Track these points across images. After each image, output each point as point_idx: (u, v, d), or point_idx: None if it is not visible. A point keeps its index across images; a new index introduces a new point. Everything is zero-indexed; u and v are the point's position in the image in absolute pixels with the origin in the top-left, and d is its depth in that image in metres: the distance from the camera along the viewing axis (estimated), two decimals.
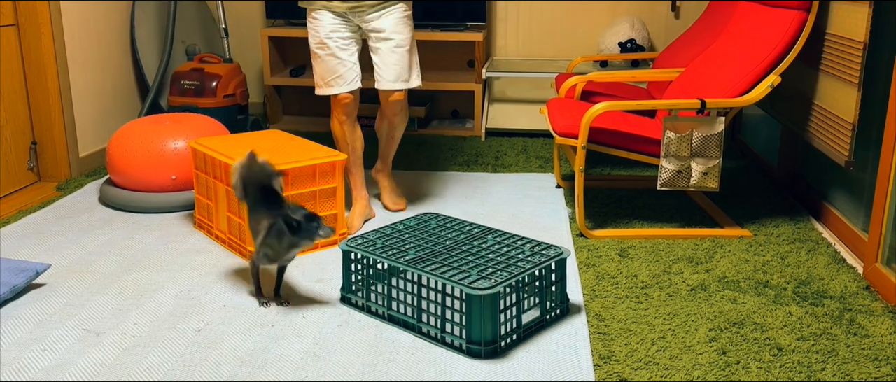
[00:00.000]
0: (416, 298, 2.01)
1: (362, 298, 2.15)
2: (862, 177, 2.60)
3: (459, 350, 1.93)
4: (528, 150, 3.87)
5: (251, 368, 1.86)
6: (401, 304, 2.07)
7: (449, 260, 2.04)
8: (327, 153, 2.61)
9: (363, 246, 2.14)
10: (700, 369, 1.87)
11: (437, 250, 2.10)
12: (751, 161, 3.63)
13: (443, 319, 1.96)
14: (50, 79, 3.29)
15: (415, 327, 2.03)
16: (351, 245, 2.15)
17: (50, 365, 1.87)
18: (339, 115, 2.71)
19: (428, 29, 4.23)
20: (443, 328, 1.96)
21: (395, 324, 2.07)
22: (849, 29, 2.49)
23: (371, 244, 2.15)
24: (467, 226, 2.29)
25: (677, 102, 2.61)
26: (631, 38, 4.08)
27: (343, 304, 2.20)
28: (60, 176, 3.38)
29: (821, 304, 2.20)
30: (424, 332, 2.01)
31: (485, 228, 2.28)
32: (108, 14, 3.67)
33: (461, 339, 1.93)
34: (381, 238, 2.20)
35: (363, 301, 2.15)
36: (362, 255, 2.14)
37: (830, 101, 2.60)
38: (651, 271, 2.42)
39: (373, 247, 2.12)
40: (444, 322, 1.96)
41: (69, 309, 2.16)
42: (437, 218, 2.35)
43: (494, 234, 2.22)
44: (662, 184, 2.63)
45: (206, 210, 2.72)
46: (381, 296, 2.11)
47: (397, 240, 2.18)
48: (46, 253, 2.55)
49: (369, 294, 2.14)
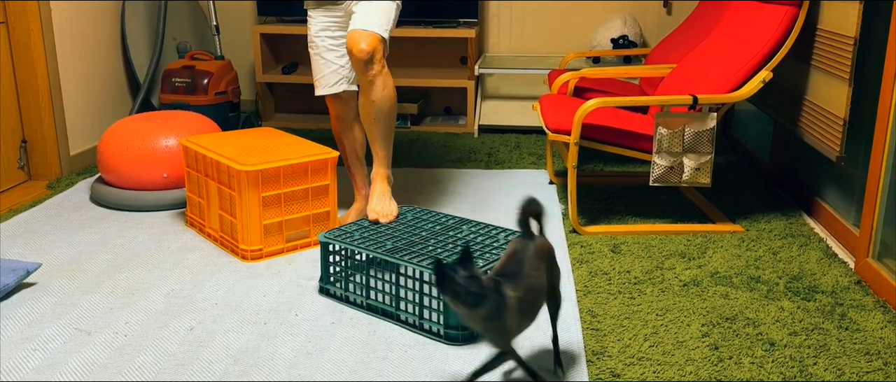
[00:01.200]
0: (394, 287, 2.05)
1: (341, 289, 2.18)
2: (853, 172, 2.61)
3: (437, 335, 1.97)
4: (521, 147, 3.87)
5: (244, 366, 1.86)
6: (379, 293, 2.11)
7: (426, 249, 2.08)
8: (319, 150, 2.60)
9: (341, 237, 2.17)
10: (692, 364, 1.87)
11: (413, 241, 2.15)
12: (743, 156, 3.64)
13: (421, 306, 2.00)
14: (40, 78, 3.27)
15: (393, 315, 2.06)
16: (329, 236, 2.18)
17: (41, 365, 1.86)
18: (332, 114, 2.71)
19: (420, 25, 4.22)
20: (421, 315, 2.00)
21: (374, 313, 2.11)
22: (840, 24, 2.49)
23: (349, 235, 2.19)
24: (443, 218, 2.34)
25: (669, 98, 2.61)
26: (623, 34, 4.08)
27: (321, 295, 2.22)
28: (51, 174, 3.37)
29: (812, 299, 2.21)
30: (403, 320, 2.04)
31: (460, 219, 2.33)
32: (98, 11, 3.65)
33: (439, 325, 1.97)
34: (359, 230, 2.24)
35: (342, 291, 2.18)
36: (341, 246, 2.17)
37: (822, 97, 2.61)
38: (644, 267, 2.42)
39: (351, 239, 2.16)
40: (422, 309, 2.00)
41: (60, 309, 2.15)
42: (414, 211, 2.40)
43: (469, 224, 2.27)
44: (655, 179, 2.64)
45: (197, 208, 2.71)
46: (359, 286, 2.15)
47: (375, 232, 2.22)
48: (37, 252, 2.54)
49: (348, 284, 2.17)
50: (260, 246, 2.48)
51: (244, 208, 2.44)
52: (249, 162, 2.44)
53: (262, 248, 2.48)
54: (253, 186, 2.43)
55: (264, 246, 2.48)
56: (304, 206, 2.56)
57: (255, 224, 2.45)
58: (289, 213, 2.52)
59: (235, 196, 2.46)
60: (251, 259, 2.47)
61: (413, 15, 4.27)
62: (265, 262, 2.47)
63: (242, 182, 2.42)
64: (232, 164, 2.44)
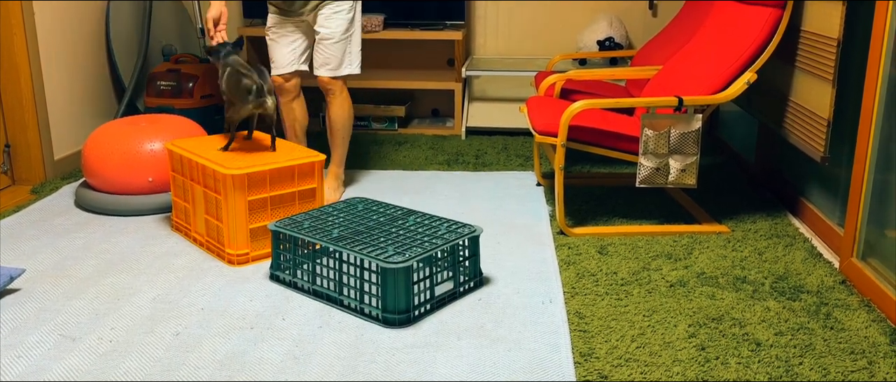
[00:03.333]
0: (338, 274, 2.15)
1: (289, 275, 2.29)
2: (837, 172, 2.63)
3: (376, 319, 2.08)
4: (508, 149, 3.87)
5: (230, 371, 1.85)
6: (324, 279, 2.23)
7: (370, 238, 2.19)
8: (306, 154, 2.60)
9: (290, 227, 2.27)
10: (679, 365, 1.88)
11: (359, 230, 2.25)
12: (728, 157, 3.66)
13: (361, 292, 2.11)
14: (23, 81, 3.24)
15: (336, 300, 2.17)
16: (279, 226, 2.28)
17: (25, 371, 1.85)
18: (276, 91, 3.06)
19: (407, 28, 4.22)
20: (361, 300, 2.12)
21: (319, 298, 2.21)
22: (823, 26, 2.51)
23: (298, 225, 2.29)
24: (391, 209, 2.43)
25: (655, 100, 2.63)
26: (609, 36, 4.10)
27: (272, 281, 2.33)
28: (35, 179, 3.34)
29: (798, 299, 2.22)
30: (345, 304, 2.15)
31: (407, 210, 2.42)
32: (82, 14, 3.62)
33: (378, 309, 2.08)
34: (309, 219, 2.34)
35: (290, 278, 2.28)
36: (289, 235, 2.26)
37: (806, 98, 2.63)
38: (630, 268, 2.43)
39: (300, 228, 2.26)
40: (362, 294, 2.11)
41: (44, 315, 2.13)
42: (365, 202, 2.49)
43: (416, 216, 2.37)
44: (641, 181, 2.65)
45: (183, 212, 2.70)
46: (306, 273, 2.25)
47: (324, 222, 2.32)
48: (21, 257, 2.52)
49: (296, 271, 2.27)
50: (246, 251, 2.46)
51: (230, 212, 2.43)
52: (235, 165, 2.43)
53: (249, 253, 2.47)
54: (239, 190, 2.41)
55: (251, 251, 2.47)
56: (291, 210, 2.55)
57: (241, 228, 2.44)
58: (276, 217, 2.51)
59: (221, 200, 2.45)
60: (237, 263, 2.46)
61: (400, 17, 4.26)
62: (252, 267, 2.46)
63: (228, 186, 2.41)
64: (218, 168, 2.43)
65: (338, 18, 2.94)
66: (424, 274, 2.14)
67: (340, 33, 2.95)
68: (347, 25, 2.96)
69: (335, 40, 2.95)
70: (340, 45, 2.96)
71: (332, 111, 3.06)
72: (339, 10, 2.94)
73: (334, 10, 2.94)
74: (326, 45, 2.96)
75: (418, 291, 2.11)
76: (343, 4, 2.94)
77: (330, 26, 2.94)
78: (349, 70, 3.04)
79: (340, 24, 2.94)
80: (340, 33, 2.95)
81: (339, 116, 3.07)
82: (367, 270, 2.10)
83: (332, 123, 3.08)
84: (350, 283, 2.15)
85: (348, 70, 3.03)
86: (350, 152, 3.08)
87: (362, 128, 4.28)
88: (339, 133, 3.10)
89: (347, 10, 2.95)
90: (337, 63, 2.99)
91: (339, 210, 2.43)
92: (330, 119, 3.08)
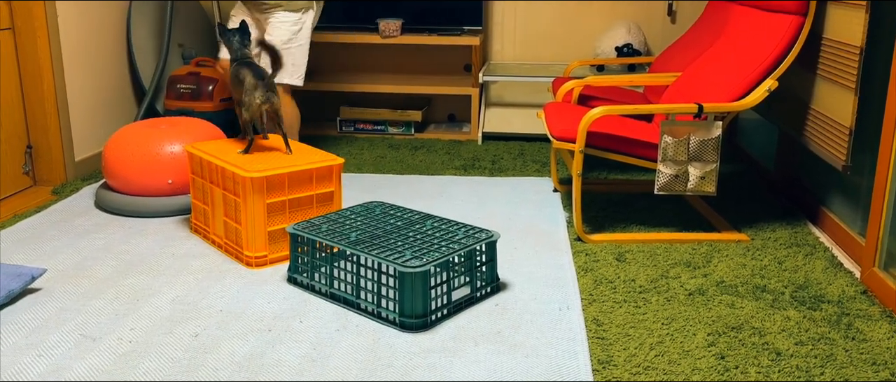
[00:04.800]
0: (355, 277, 2.16)
1: (307, 278, 2.28)
2: (859, 181, 2.61)
3: (393, 323, 2.08)
4: (524, 154, 3.87)
5: (249, 373, 1.86)
6: (342, 283, 2.22)
7: (387, 242, 2.20)
8: (325, 157, 2.61)
9: (308, 230, 2.28)
10: (699, 374, 1.87)
11: (377, 234, 2.26)
12: (747, 165, 3.64)
13: (378, 296, 2.11)
14: (46, 83, 3.27)
15: (353, 304, 2.17)
16: (297, 228, 2.29)
17: (46, 371, 1.86)
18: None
19: (424, 33, 4.22)
20: (378, 304, 2.12)
21: (336, 301, 2.22)
22: (845, 33, 2.49)
23: (316, 228, 2.29)
24: (408, 213, 2.43)
25: (675, 107, 2.61)
26: (627, 42, 4.08)
27: (289, 284, 2.33)
28: (56, 180, 3.37)
29: (819, 309, 2.20)
30: (363, 308, 2.15)
31: (425, 215, 2.42)
32: (104, 17, 3.66)
33: (395, 314, 2.08)
34: (327, 223, 2.34)
35: (307, 280, 2.28)
36: (307, 238, 2.26)
37: (827, 106, 2.61)
38: (649, 275, 2.42)
39: (318, 231, 2.27)
40: (379, 298, 2.11)
41: (65, 314, 2.15)
42: (383, 206, 2.50)
43: (433, 220, 2.37)
44: (660, 188, 2.63)
45: (202, 214, 2.71)
46: (324, 276, 2.25)
47: (342, 225, 2.33)
48: (42, 257, 2.54)
49: (314, 274, 2.27)
50: (265, 253, 2.48)
51: (249, 215, 2.44)
52: (254, 168, 2.44)
53: (267, 255, 2.48)
54: (258, 193, 2.43)
55: (269, 253, 2.48)
56: (309, 213, 2.56)
57: (259, 230, 2.45)
58: (293, 220, 2.52)
59: (240, 202, 2.46)
60: (256, 265, 2.47)
61: (417, 22, 4.27)
62: (270, 269, 2.47)
63: (247, 188, 2.42)
64: (237, 171, 2.44)
65: (282, 28, 3.14)
66: (441, 279, 2.14)
67: (282, 42, 3.11)
68: (290, 36, 3.15)
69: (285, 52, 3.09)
70: (288, 57, 3.10)
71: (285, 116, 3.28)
72: (285, 20, 3.15)
73: (281, 19, 3.15)
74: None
75: (435, 296, 2.10)
76: (290, 16, 3.15)
77: (273, 34, 3.14)
78: (288, 80, 3.20)
79: (284, 33, 3.14)
80: (282, 42, 3.11)
81: (289, 119, 3.21)
82: (384, 274, 2.10)
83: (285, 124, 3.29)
84: (367, 287, 2.15)
85: (288, 80, 3.19)
86: (367, 156, 3.08)
87: (379, 133, 4.29)
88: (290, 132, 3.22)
89: (293, 22, 3.16)
90: (285, 76, 3.14)
91: (356, 214, 2.43)
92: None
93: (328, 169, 2.57)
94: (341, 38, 4.22)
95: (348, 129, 4.32)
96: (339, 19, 4.32)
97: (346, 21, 4.34)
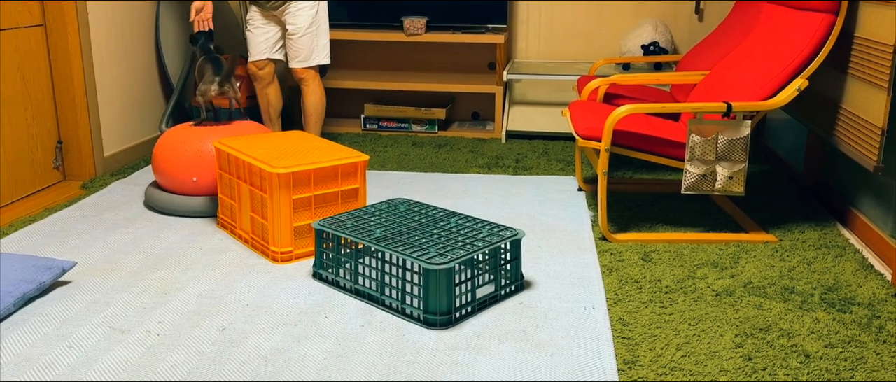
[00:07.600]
0: (380, 273, 2.17)
1: (332, 274, 2.30)
2: (890, 182, 2.57)
3: (418, 320, 2.09)
4: (549, 153, 3.85)
5: (275, 367, 1.87)
6: (367, 279, 2.23)
7: (412, 239, 2.20)
8: (350, 154, 2.62)
9: (333, 226, 2.28)
10: (726, 375, 1.85)
11: (401, 230, 2.26)
12: (776, 165, 3.59)
13: (403, 292, 2.12)
14: (76, 79, 3.32)
15: (378, 300, 2.18)
16: (323, 224, 2.30)
17: (76, 362, 1.89)
18: (252, 77, 3.52)
19: (448, 31, 4.22)
20: (403, 300, 2.13)
21: (361, 297, 2.23)
22: (878, 32, 2.45)
23: (341, 224, 2.30)
24: (433, 210, 2.44)
25: (703, 105, 2.59)
26: (654, 40, 4.05)
27: (314, 279, 2.35)
28: (85, 175, 3.42)
29: (848, 311, 2.17)
30: (387, 304, 2.17)
31: (449, 212, 2.42)
32: (133, 14, 3.70)
33: (419, 310, 2.09)
34: (352, 219, 2.36)
35: (332, 276, 2.30)
36: (332, 234, 2.27)
37: (858, 106, 2.57)
38: (675, 276, 2.40)
39: (343, 228, 2.28)
40: (404, 294, 2.12)
41: (94, 307, 2.18)
42: (407, 203, 2.50)
43: (457, 217, 2.38)
44: (687, 187, 2.61)
45: (229, 210, 2.74)
46: (349, 272, 2.26)
47: (367, 222, 2.33)
48: (72, 250, 2.58)
49: (339, 270, 2.28)
50: (290, 249, 2.49)
51: (275, 210, 2.46)
52: (281, 164, 2.46)
53: (293, 250, 2.50)
54: (284, 188, 2.44)
55: (295, 249, 2.50)
56: (334, 209, 2.57)
57: (285, 226, 2.47)
58: (319, 216, 2.54)
59: (267, 198, 2.48)
60: (281, 261, 2.49)
61: (442, 20, 4.27)
62: (295, 264, 2.48)
63: (274, 184, 2.44)
64: (264, 167, 2.46)
65: (302, 15, 3.34)
66: (466, 276, 2.14)
67: (305, 28, 3.34)
68: (311, 20, 3.35)
69: (301, 35, 3.36)
70: (307, 39, 3.37)
71: (306, 99, 3.50)
72: (303, 7, 3.33)
73: (298, 7, 3.33)
74: (295, 39, 3.37)
75: (460, 293, 2.11)
76: (306, 3, 3.33)
77: (295, 22, 3.34)
78: (318, 60, 3.44)
79: (304, 19, 3.33)
80: (305, 28, 3.34)
81: (313, 103, 3.49)
82: (409, 271, 2.11)
83: (306, 109, 3.51)
84: (392, 283, 2.16)
85: (317, 60, 3.43)
86: (391, 154, 3.09)
87: (403, 131, 4.30)
88: (313, 118, 3.52)
89: (310, 7, 3.34)
90: (306, 55, 3.40)
91: (381, 210, 2.44)
92: (304, 106, 3.51)
93: (353, 165, 2.58)
94: (366, 35, 4.23)
95: (372, 127, 4.34)
96: (365, 17, 4.34)
97: (372, 19, 4.35)
